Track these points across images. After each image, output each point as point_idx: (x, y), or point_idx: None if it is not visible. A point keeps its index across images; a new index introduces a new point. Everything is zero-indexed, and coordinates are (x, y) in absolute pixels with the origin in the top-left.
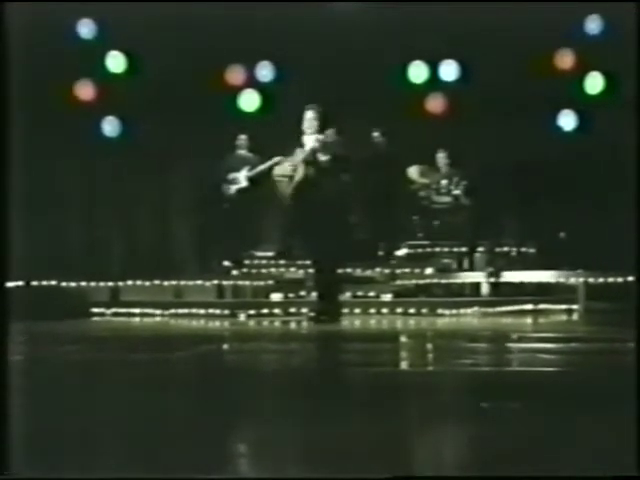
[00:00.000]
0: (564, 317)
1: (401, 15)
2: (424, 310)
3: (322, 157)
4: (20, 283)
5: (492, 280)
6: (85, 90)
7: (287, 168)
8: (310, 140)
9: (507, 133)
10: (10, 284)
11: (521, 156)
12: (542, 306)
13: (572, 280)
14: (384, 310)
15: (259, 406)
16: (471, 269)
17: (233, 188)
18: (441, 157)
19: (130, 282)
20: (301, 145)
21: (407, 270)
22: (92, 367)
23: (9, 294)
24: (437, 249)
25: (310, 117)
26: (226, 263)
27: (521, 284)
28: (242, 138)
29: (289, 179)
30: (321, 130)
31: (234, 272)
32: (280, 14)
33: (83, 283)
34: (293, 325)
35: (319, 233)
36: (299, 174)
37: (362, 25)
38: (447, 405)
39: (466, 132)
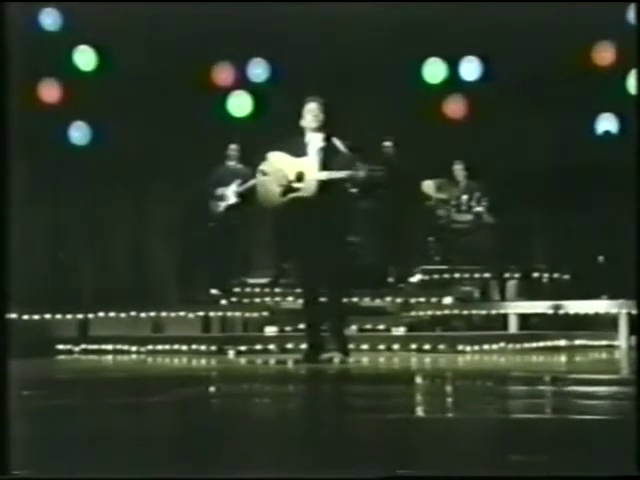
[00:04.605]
0: (604, 355)
1: (416, 7)
2: (442, 346)
3: (351, 188)
4: None
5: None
6: (49, 91)
7: (289, 173)
8: (316, 139)
9: (537, 139)
10: None
11: (554, 166)
12: (578, 342)
13: (613, 311)
14: (395, 346)
15: (253, 461)
16: (502, 298)
17: (221, 205)
18: (460, 168)
19: (101, 314)
20: (303, 143)
21: (422, 299)
22: (52, 416)
23: None
24: (456, 275)
25: (312, 109)
26: (213, 291)
27: (554, 316)
28: (232, 148)
29: (285, 187)
30: (327, 126)
31: (222, 302)
32: (276, 6)
33: (47, 316)
34: (290, 364)
35: (319, 256)
36: (308, 190)
37: (370, 18)
38: (470, 458)
39: (490, 139)
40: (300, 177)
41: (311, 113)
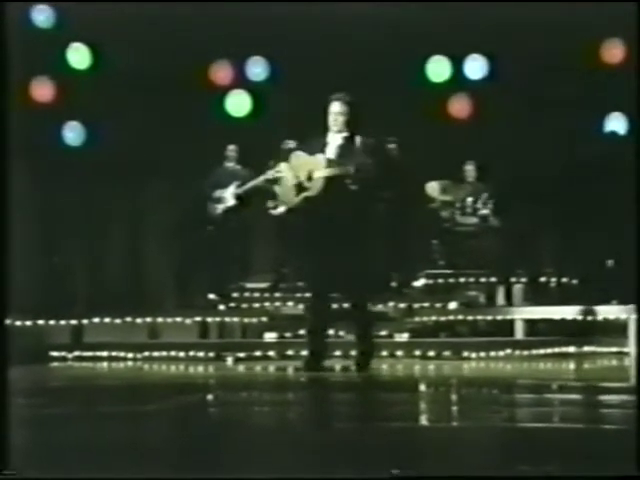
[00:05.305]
0: (614, 362)
1: (418, 5)
2: (447, 353)
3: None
4: None
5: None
6: (42, 90)
7: (304, 171)
8: (337, 139)
9: (545, 140)
10: None
11: (562, 167)
12: (587, 348)
13: (623, 317)
14: (399, 352)
15: (252, 469)
16: (509, 303)
17: (219, 208)
18: (467, 169)
19: (96, 320)
20: (324, 144)
21: (426, 304)
22: (47, 424)
23: None
24: (461, 279)
25: (334, 111)
26: (211, 296)
27: (562, 322)
28: (230, 148)
29: (298, 187)
30: (349, 127)
31: (220, 307)
32: (276, 5)
33: (40, 321)
34: (290, 371)
35: (325, 260)
36: (315, 188)
37: (372, 15)
38: (473, 467)
39: (495, 139)
40: (310, 176)
41: (331, 116)
